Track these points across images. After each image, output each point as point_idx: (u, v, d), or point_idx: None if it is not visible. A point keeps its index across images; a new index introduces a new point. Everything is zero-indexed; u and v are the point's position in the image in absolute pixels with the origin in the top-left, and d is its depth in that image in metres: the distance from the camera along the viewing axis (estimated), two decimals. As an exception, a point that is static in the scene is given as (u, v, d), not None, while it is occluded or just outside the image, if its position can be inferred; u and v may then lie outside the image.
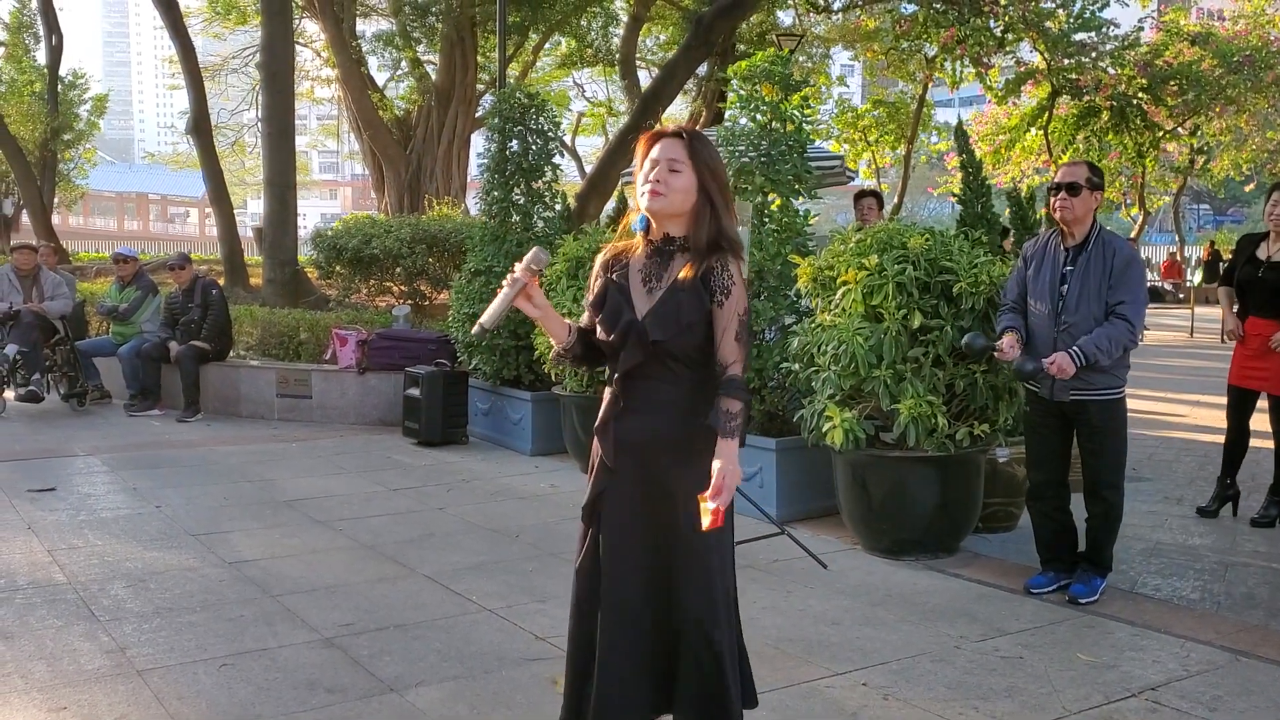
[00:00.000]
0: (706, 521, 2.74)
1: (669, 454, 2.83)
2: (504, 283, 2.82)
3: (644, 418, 2.83)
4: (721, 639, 2.87)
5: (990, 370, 5.45)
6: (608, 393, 2.92)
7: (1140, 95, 20.33)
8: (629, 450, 2.84)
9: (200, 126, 15.81)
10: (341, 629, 4.49)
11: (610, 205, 15.15)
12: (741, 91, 6.51)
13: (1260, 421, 6.40)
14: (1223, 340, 6.42)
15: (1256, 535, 6.15)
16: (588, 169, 26.91)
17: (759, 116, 6.55)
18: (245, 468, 7.84)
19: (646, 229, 2.88)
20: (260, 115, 13.95)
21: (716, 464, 2.75)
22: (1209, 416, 8.72)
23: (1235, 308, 6.44)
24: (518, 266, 2.80)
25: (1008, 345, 4.90)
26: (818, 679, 4.02)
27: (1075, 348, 4.73)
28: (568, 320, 2.97)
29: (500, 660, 4.18)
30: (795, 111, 6.57)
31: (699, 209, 2.83)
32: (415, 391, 8.86)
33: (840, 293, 5.56)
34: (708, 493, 2.73)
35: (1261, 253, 6.32)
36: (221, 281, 13.27)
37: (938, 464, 5.48)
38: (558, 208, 9.02)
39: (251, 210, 59.97)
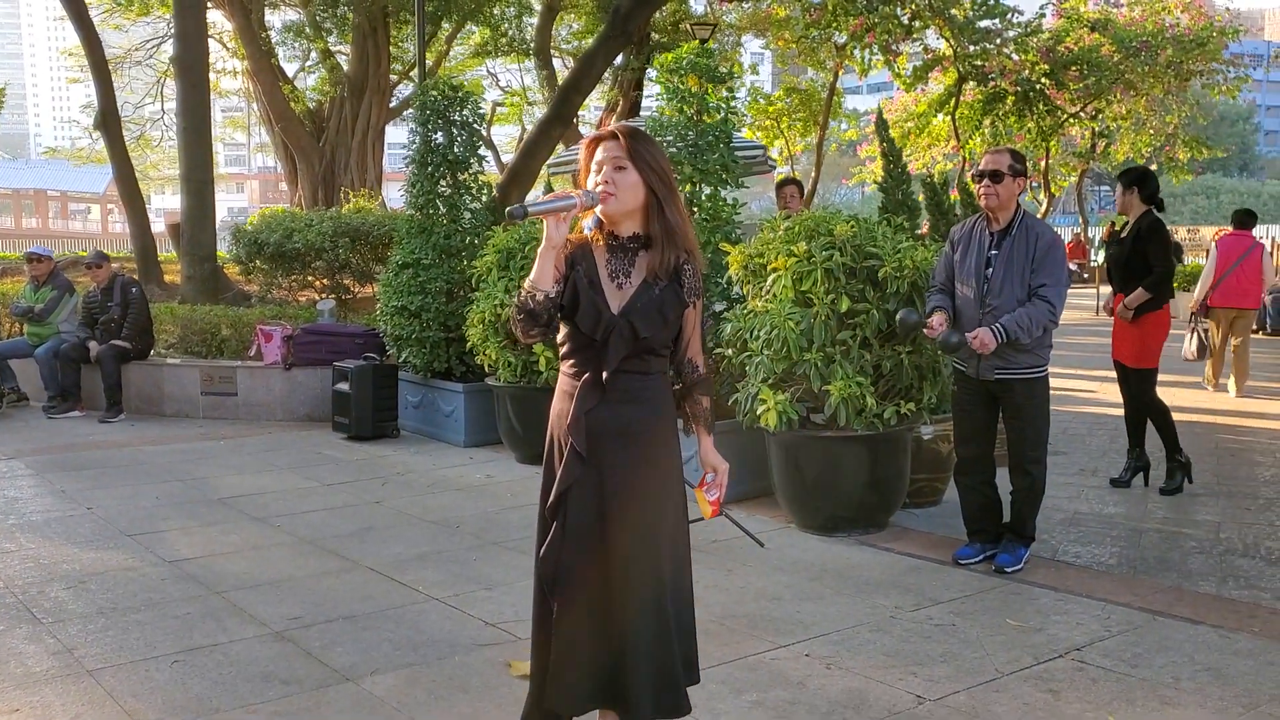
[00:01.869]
0: (708, 510, 2.94)
1: (641, 442, 2.92)
2: (571, 190, 2.84)
3: (621, 408, 2.91)
4: (673, 620, 2.98)
5: (915, 351, 5.65)
6: (568, 386, 2.99)
7: (1043, 80, 20.88)
8: (605, 438, 2.91)
9: (108, 120, 15.43)
10: (291, 622, 4.52)
11: (533, 195, 15.15)
12: (669, 84, 6.61)
13: (1171, 395, 6.75)
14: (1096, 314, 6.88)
15: (1166, 503, 6.46)
16: (506, 159, 26.81)
17: (685, 107, 6.66)
18: (174, 467, 7.76)
19: (600, 227, 2.96)
20: (176, 110, 13.63)
21: (710, 458, 3.05)
22: (1117, 391, 9.10)
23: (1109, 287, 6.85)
24: (574, 190, 2.83)
25: (937, 323, 5.09)
26: (763, 651, 4.17)
27: (998, 324, 4.93)
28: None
29: (453, 646, 4.24)
30: (721, 103, 6.70)
31: (648, 204, 2.93)
32: (344, 386, 8.83)
33: (771, 279, 5.71)
34: (709, 485, 2.94)
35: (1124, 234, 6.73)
36: (136, 278, 12.96)
37: (867, 443, 5.67)
38: (484, 199, 9.03)
39: (156, 206, 58.54)
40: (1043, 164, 25.57)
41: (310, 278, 12.89)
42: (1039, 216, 29.12)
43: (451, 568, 5.30)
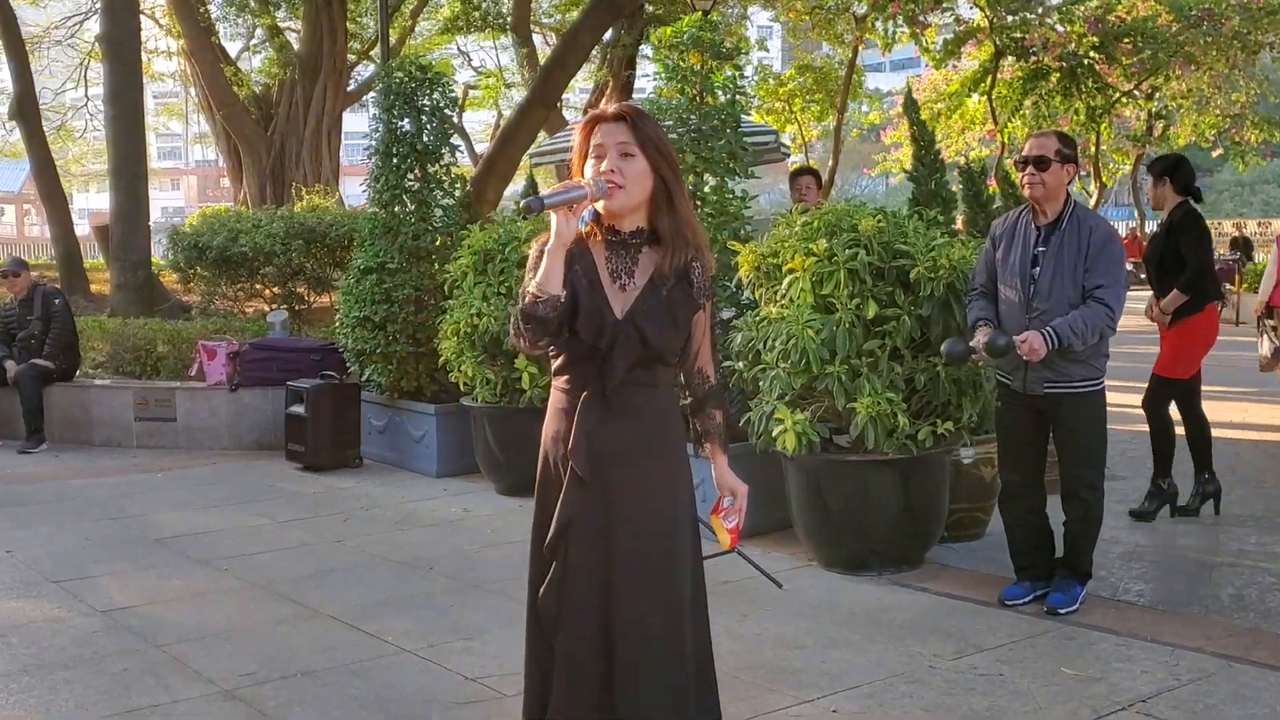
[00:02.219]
0: (726, 540, 3.03)
1: (651, 462, 2.97)
2: (564, 183, 2.87)
3: (627, 425, 2.94)
4: (693, 667, 3.01)
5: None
6: (563, 403, 3.00)
7: (1092, 54, 20.99)
8: (610, 460, 2.94)
9: (25, 109, 15.49)
10: (243, 679, 4.52)
11: (513, 189, 15.21)
12: (668, 61, 6.65)
13: (1219, 409, 6.79)
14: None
15: (1239, 534, 6.48)
16: (479, 149, 26.88)
17: (686, 88, 6.70)
18: (106, 503, 7.77)
19: (597, 220, 2.98)
20: (103, 95, 13.68)
21: (727, 480, 3.14)
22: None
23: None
24: (582, 179, 2.88)
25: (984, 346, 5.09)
26: (785, 708, 4.18)
27: (1049, 328, 4.93)
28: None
29: (428, 705, 4.25)
30: (727, 83, 6.74)
31: (656, 195, 2.95)
32: (299, 409, 8.84)
33: (786, 282, 5.73)
34: (726, 510, 3.03)
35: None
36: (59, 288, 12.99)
37: (899, 467, 5.68)
38: (457, 194, 9.06)
39: (79, 205, 58.57)
40: (1092, 150, 25.71)
41: (259, 286, 12.91)
42: (1090, 208, 29.24)
43: (424, 614, 5.30)
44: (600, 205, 2.92)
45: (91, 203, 60.38)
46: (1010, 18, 20.54)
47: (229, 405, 9.81)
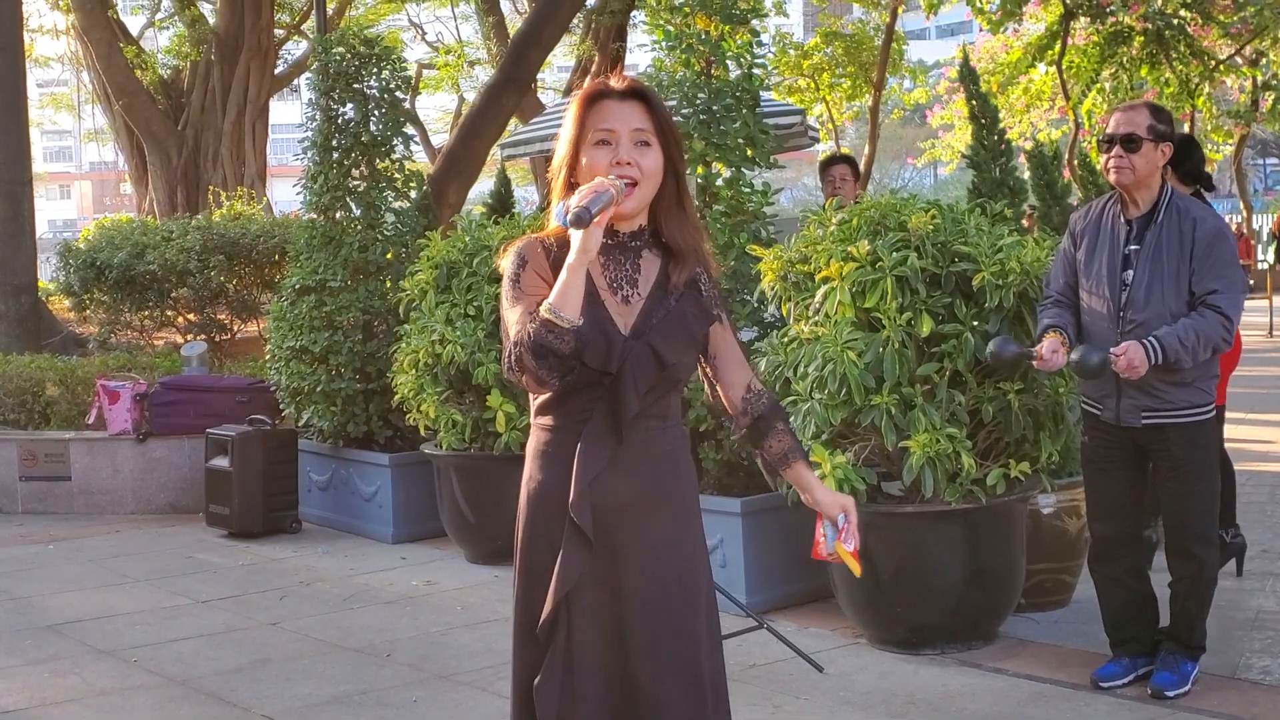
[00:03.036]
0: (858, 567, 3.16)
1: (660, 513, 2.97)
2: (591, 185, 2.82)
3: (638, 470, 2.94)
4: None
5: (1028, 389, 5.65)
6: (551, 446, 2.97)
7: (1183, 13, 21.10)
8: (618, 515, 2.93)
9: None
10: (159, 798, 4.48)
11: (480, 189, 15.23)
12: (668, 27, 6.66)
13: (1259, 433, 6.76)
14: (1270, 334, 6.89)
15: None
16: (438, 141, 26.97)
17: (693, 59, 6.71)
18: (-15, 583, 7.73)
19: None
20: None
21: (830, 497, 3.22)
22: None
23: None
24: (603, 180, 2.84)
25: (1048, 350, 5.04)
26: (832, 820, 4.14)
27: (1152, 338, 4.86)
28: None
29: (390, 825, 4.21)
30: (743, 52, 6.75)
31: (665, 191, 2.97)
32: (222, 462, 8.82)
33: (821, 293, 5.71)
34: (845, 533, 3.12)
35: None
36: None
37: (964, 520, 5.66)
38: (413, 194, 9.07)
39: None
40: (1186, 128, 25.82)
41: (171, 312, 12.91)
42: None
43: (383, 713, 5.28)
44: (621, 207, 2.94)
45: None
46: (1083, -31, 20.68)
47: (136, 459, 9.78)
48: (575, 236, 2.77)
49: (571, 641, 2.92)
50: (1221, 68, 23.00)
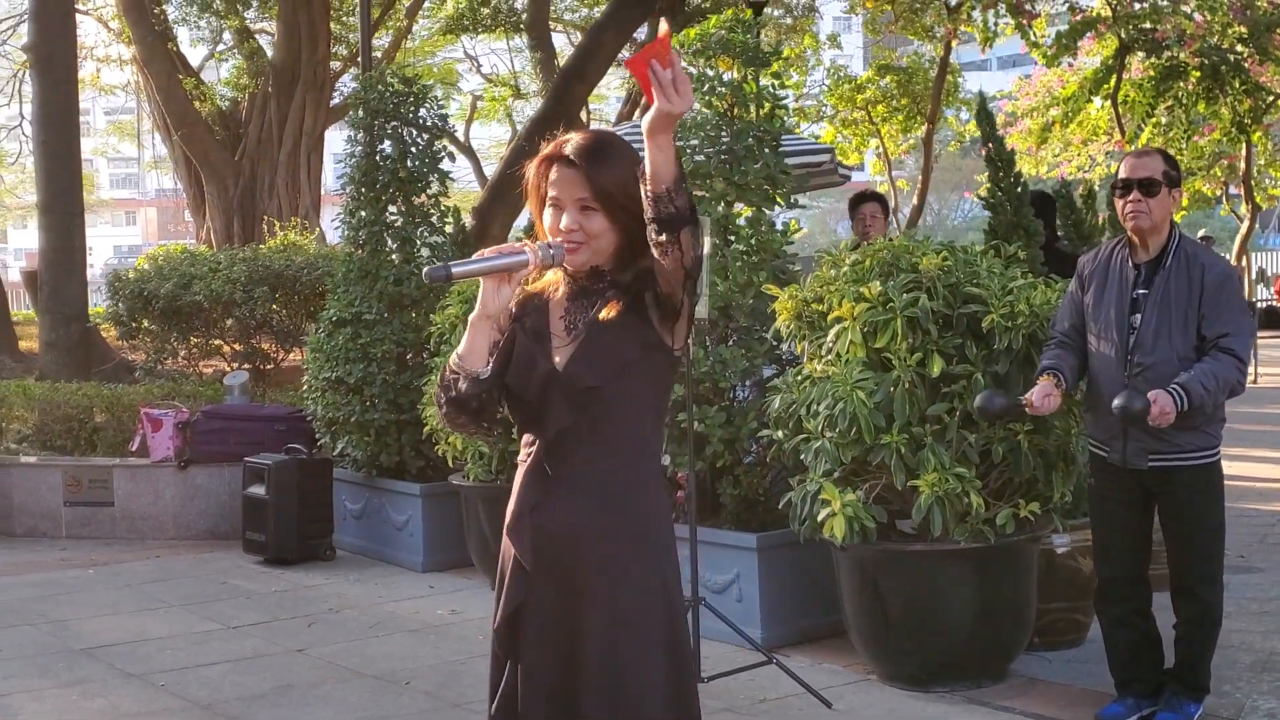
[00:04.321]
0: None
1: (611, 549, 3.02)
2: (502, 246, 2.99)
3: (574, 504, 3.03)
4: None
5: (1038, 431, 5.71)
6: (520, 475, 3.13)
7: (1239, 48, 20.99)
8: (551, 547, 3.03)
9: (-56, 132, 15.87)
10: (171, 818, 4.62)
11: (523, 220, 15.41)
12: (692, 69, 6.79)
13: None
14: None
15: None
16: (490, 171, 27.19)
17: (716, 101, 6.83)
18: (24, 606, 7.92)
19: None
20: (31, 115, 14.04)
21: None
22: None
23: None
24: (530, 243, 2.98)
25: (1039, 397, 5.11)
26: None
27: (1176, 385, 4.91)
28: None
29: None
30: (767, 91, 6.86)
31: (620, 249, 3.05)
32: (259, 490, 8.99)
33: (833, 333, 5.81)
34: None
35: None
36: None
37: (974, 559, 5.72)
38: (449, 229, 9.22)
39: (14, 244, 59.69)
40: (1242, 164, 25.65)
41: (216, 341, 13.14)
42: (1242, 236, 28.92)
43: (395, 740, 5.39)
44: (566, 265, 3.05)
45: (30, 240, 61.52)
46: (1137, 5, 20.62)
47: (177, 486, 9.98)
48: (483, 292, 2.96)
49: (520, 670, 3.04)
50: (1278, 104, 22.83)
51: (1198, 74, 21.99)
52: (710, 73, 6.85)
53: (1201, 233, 22.06)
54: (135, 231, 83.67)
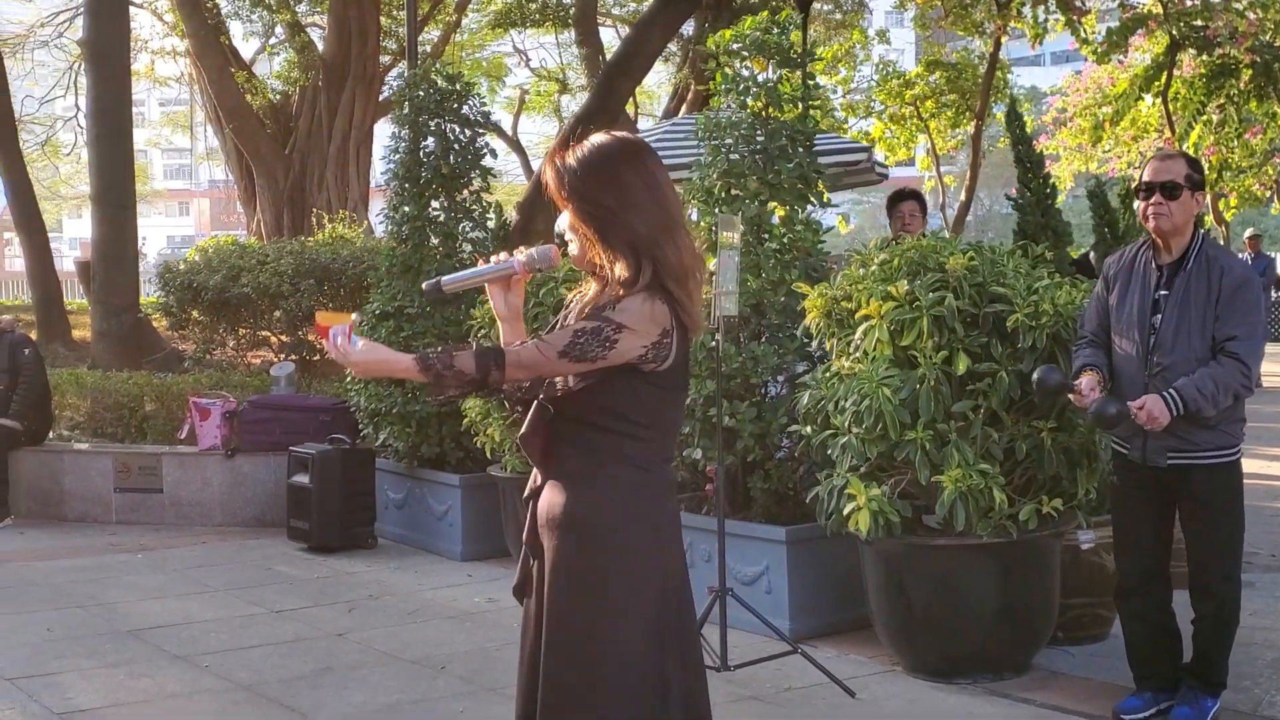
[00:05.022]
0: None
1: (565, 536, 3.28)
2: (492, 258, 3.27)
3: (550, 490, 3.33)
4: None
5: (1061, 428, 5.81)
6: None
7: (1292, 46, 20.87)
8: (541, 528, 3.35)
9: (2, 124, 16.18)
10: (211, 793, 4.80)
11: (566, 219, 15.51)
12: (727, 70, 6.92)
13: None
14: None
15: None
16: (535, 165, 27.34)
17: (751, 101, 6.95)
18: (74, 588, 8.14)
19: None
20: (86, 110, 14.32)
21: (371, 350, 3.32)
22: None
23: None
24: (520, 250, 3.28)
25: (1086, 386, 5.22)
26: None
27: (1171, 390, 5.04)
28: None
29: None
30: (802, 90, 6.98)
31: (593, 251, 3.29)
32: (303, 478, 9.18)
33: (860, 331, 5.93)
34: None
35: None
36: (34, 336, 13.56)
37: (997, 554, 5.83)
38: (490, 225, 9.38)
39: (69, 234, 60.27)
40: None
41: (264, 332, 13.35)
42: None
43: (429, 722, 5.56)
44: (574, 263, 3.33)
45: (84, 230, 62.02)
46: (1189, 1, 20.52)
47: (224, 474, 10.20)
48: (491, 299, 3.37)
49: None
50: (1331, 103, 22.65)
51: (1249, 72, 21.86)
52: (745, 73, 6.98)
53: (1249, 232, 21.89)
54: (189, 222, 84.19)
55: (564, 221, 3.29)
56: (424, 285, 3.22)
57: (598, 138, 3.31)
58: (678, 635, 3.32)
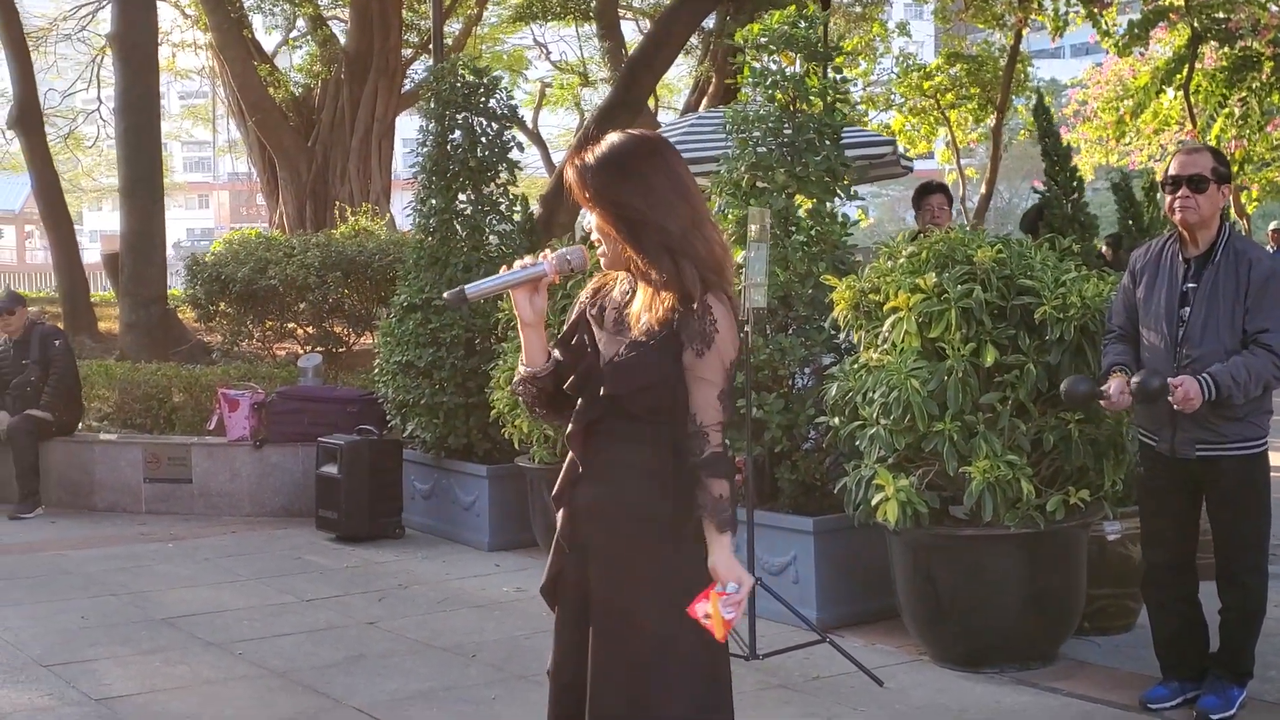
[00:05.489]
0: (720, 631, 3.15)
1: (620, 528, 3.28)
2: (518, 262, 3.26)
3: (599, 485, 3.30)
4: None
5: (1089, 420, 5.85)
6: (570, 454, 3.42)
7: (1315, 39, 20.84)
8: (582, 523, 3.34)
9: (28, 117, 16.30)
10: (250, 777, 4.88)
11: (593, 219, 15.55)
12: (754, 64, 6.97)
13: None
14: None
15: None
16: (558, 159, 27.40)
17: (778, 95, 7.00)
18: (106, 577, 8.24)
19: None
20: (114, 104, 14.41)
21: (725, 569, 3.18)
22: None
23: None
24: (548, 252, 3.27)
25: (1115, 392, 5.26)
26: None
27: (1206, 375, 5.09)
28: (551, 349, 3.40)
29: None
30: (829, 84, 7.03)
31: (629, 250, 3.25)
32: (332, 469, 9.26)
33: (889, 323, 5.98)
34: (727, 598, 3.15)
35: None
36: (60, 328, 13.64)
37: (1024, 544, 5.88)
38: (517, 218, 9.44)
39: (89, 226, 60.49)
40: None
41: (291, 325, 13.43)
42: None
43: (461, 709, 5.64)
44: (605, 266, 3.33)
45: (105, 223, 62.27)
46: (1211, -7, 20.50)
47: (253, 465, 10.28)
48: (516, 304, 3.30)
49: (555, 623, 3.40)
50: (1353, 95, 22.61)
51: (1271, 64, 21.85)
52: (773, 66, 7.02)
53: (1274, 224, 21.85)
54: (208, 214, 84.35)
55: (590, 221, 3.28)
56: (445, 295, 3.17)
57: (615, 137, 3.30)
58: None
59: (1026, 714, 5.48)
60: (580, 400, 3.30)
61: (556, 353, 3.40)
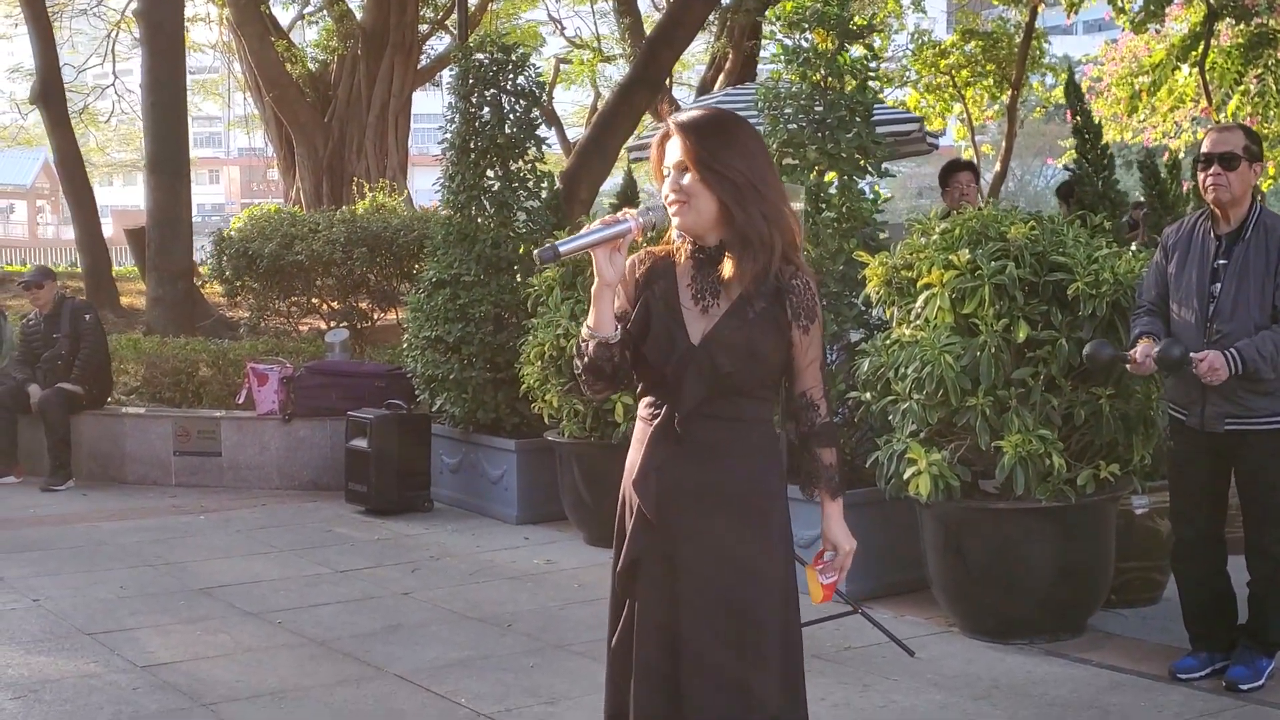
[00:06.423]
0: (818, 594, 3.32)
1: (728, 510, 3.28)
2: (604, 219, 3.22)
3: (701, 465, 3.29)
4: None
5: (1120, 394, 5.93)
6: (641, 433, 3.39)
7: (1332, 15, 20.79)
8: (677, 502, 3.29)
9: (50, 93, 16.37)
10: (300, 742, 4.98)
11: (610, 184, 15.62)
12: (787, 42, 7.04)
13: None
14: None
15: None
16: (573, 135, 27.43)
17: (810, 72, 7.06)
18: (141, 548, 8.36)
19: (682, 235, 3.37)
20: (141, 81, 14.50)
21: (833, 532, 3.41)
22: None
23: None
24: (630, 211, 3.23)
25: (1141, 354, 5.35)
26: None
27: (1233, 349, 5.18)
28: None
29: (504, 774, 4.65)
30: (860, 62, 7.09)
31: (719, 210, 3.26)
32: (361, 443, 9.36)
33: (922, 299, 6.05)
34: (826, 565, 3.32)
35: None
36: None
37: (1055, 517, 5.97)
38: (544, 194, 9.51)
39: (102, 201, 60.61)
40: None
41: (316, 300, 13.52)
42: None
43: (501, 676, 5.72)
44: (676, 228, 3.30)
45: (114, 198, 62.37)
46: (1227, -30, 20.44)
47: (281, 438, 10.40)
48: (597, 263, 3.18)
49: (638, 601, 3.32)
50: (1370, 73, 22.55)
51: (1287, 41, 21.79)
52: (805, 44, 7.08)
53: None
54: (218, 190, 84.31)
55: (684, 178, 3.25)
56: (537, 253, 3.17)
57: (713, 110, 3.36)
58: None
59: (1058, 684, 5.56)
60: (683, 382, 3.25)
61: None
